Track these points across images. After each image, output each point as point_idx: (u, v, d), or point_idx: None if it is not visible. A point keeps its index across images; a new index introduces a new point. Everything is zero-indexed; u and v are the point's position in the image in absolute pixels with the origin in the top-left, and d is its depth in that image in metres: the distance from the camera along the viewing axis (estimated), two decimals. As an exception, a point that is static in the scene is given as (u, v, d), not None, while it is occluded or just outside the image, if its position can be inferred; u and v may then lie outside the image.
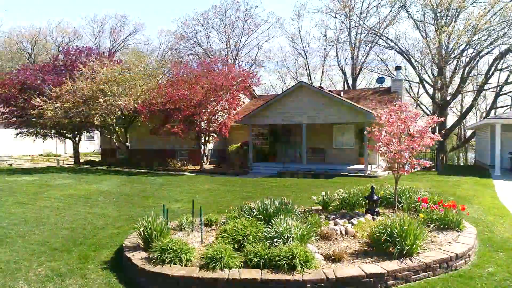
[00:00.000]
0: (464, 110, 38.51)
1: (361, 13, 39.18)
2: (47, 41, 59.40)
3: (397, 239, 5.25)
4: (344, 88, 44.19)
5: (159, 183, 14.69)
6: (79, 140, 25.97)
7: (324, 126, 20.06)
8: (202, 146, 20.47)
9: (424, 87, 33.24)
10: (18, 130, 24.36)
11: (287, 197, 11.33)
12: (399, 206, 8.00)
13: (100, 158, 30.26)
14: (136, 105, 18.93)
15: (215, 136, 19.98)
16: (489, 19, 26.63)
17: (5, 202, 10.32)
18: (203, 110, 18.96)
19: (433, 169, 21.87)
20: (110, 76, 18.91)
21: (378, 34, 35.31)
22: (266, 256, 4.97)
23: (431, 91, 34.27)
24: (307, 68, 49.35)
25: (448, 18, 29.43)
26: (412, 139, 7.92)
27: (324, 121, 18.15)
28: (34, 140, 25.76)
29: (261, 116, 19.42)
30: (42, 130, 24.04)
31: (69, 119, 18.80)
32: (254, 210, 6.62)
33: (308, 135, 19.44)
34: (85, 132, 28.10)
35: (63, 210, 9.33)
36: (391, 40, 33.98)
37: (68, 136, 25.40)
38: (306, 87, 18.42)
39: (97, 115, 18.06)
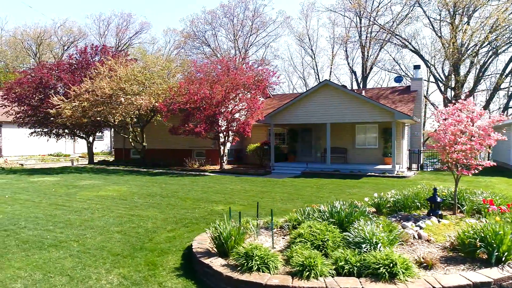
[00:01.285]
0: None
1: (371, 11, 38.88)
2: (52, 40, 59.07)
3: (493, 245, 4.95)
4: (351, 87, 43.93)
5: (187, 183, 14.38)
6: (93, 140, 25.64)
7: (346, 125, 19.78)
8: (222, 146, 20.14)
9: (438, 86, 33.01)
10: (33, 130, 24.05)
11: (324, 198, 11.08)
12: (462, 209, 7.71)
13: (113, 158, 29.97)
14: (157, 103, 18.60)
15: (236, 135, 19.63)
16: (506, 17, 26.38)
17: (40, 204, 10.00)
18: (224, 109, 18.66)
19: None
20: (130, 74, 18.57)
21: (390, 32, 35.02)
22: (358, 264, 4.68)
23: (442, 89, 34.04)
24: (315, 67, 49.13)
25: (464, 16, 29.16)
26: (473, 138, 7.64)
27: (349, 120, 17.85)
28: (48, 140, 25.45)
29: (283, 115, 19.11)
30: (56, 129, 23.74)
31: (88, 118, 18.47)
32: (326, 213, 6.30)
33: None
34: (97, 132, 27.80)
35: (104, 212, 9.01)
36: (404, 38, 33.74)
37: (82, 135, 25.06)
38: (331, 86, 18.11)
39: (117, 114, 17.72)
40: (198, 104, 18.06)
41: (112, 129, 33.21)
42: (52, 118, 19.43)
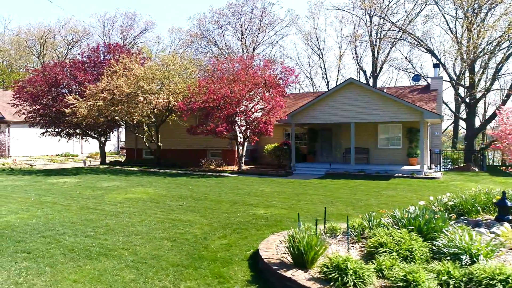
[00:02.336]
0: (494, 108, 37.66)
1: (383, 9, 38.36)
2: (55, 39, 58.58)
3: None
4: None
5: (213, 185, 13.89)
6: (106, 140, 25.13)
7: (368, 125, 19.30)
8: (240, 146, 19.66)
9: (452, 85, 32.47)
10: (44, 130, 23.55)
11: (364, 201, 10.60)
12: (533, 213, 7.22)
13: (122, 158, 29.48)
14: (176, 103, 18.09)
15: (255, 135, 19.05)
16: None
17: (70, 207, 9.50)
18: (245, 109, 18.19)
19: (477, 169, 21.13)
20: (149, 72, 18.06)
21: (402, 29, 34.54)
22: (463, 278, 4.20)
23: (456, 88, 33.56)
24: (323, 67, 48.63)
25: (481, 13, 28.65)
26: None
27: (375, 119, 17.38)
28: (59, 140, 24.96)
29: (304, 115, 18.63)
30: (70, 129, 23.23)
31: (105, 117, 17.95)
32: (403, 220, 5.81)
33: (349, 134, 18.84)
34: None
35: (141, 216, 8.52)
36: (416, 37, 33.25)
37: (94, 136, 24.55)
38: (356, 84, 17.64)
39: (136, 114, 17.21)
40: (219, 102, 17.54)
41: (122, 129, 32.72)
42: (68, 118, 18.86)
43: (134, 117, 17.24)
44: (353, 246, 5.89)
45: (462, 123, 40.57)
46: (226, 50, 46.21)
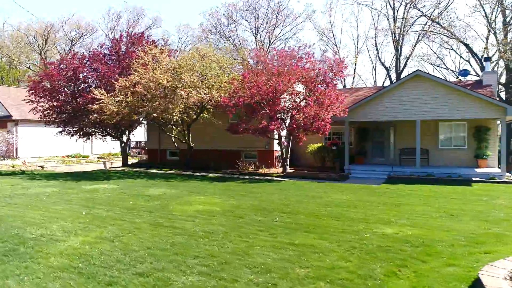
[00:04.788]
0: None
1: (406, 3, 36.62)
2: (57, 36, 56.27)
3: None
4: (374, 84, 41.63)
5: (276, 192, 11.92)
6: (128, 139, 23.05)
7: (427, 123, 17.45)
8: (284, 146, 17.72)
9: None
10: (61, 128, 21.43)
11: (491, 214, 8.59)
12: None
13: (136, 159, 27.47)
14: (219, 98, 16.10)
15: (306, 134, 17.03)
16: None
17: (139, 225, 7.50)
18: (293, 104, 16.27)
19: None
20: (189, 63, 16.04)
21: (432, 19, 32.84)
22: None
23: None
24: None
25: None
26: None
27: (445, 116, 15.59)
28: (76, 140, 22.86)
29: (362, 111, 16.73)
30: (88, 128, 21.15)
31: (139, 114, 15.92)
32: None
33: (403, 133, 17.03)
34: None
35: (242, 238, 6.52)
36: (451, 32, 31.53)
37: (115, 135, 22.45)
38: (423, 77, 15.76)
39: (176, 110, 15.20)
40: (265, 97, 15.58)
41: (134, 129, 30.62)
42: (96, 114, 16.69)
43: (174, 114, 15.22)
44: None
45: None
46: (239, 45, 44.24)
